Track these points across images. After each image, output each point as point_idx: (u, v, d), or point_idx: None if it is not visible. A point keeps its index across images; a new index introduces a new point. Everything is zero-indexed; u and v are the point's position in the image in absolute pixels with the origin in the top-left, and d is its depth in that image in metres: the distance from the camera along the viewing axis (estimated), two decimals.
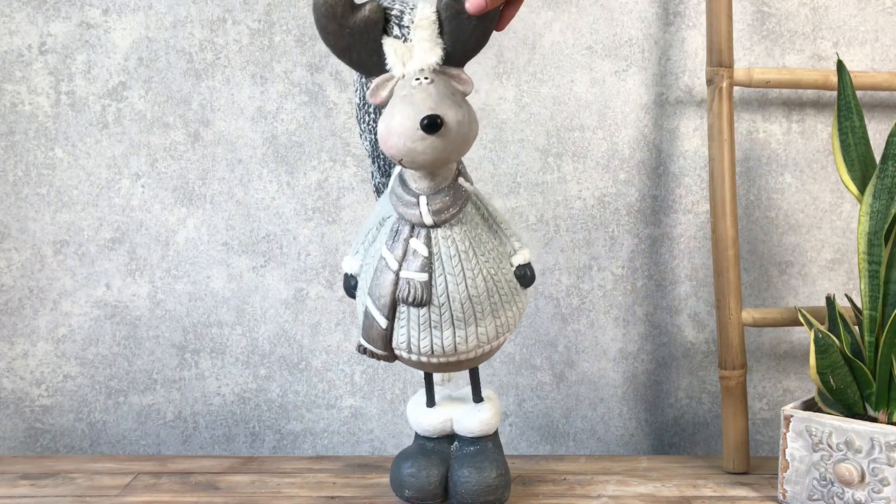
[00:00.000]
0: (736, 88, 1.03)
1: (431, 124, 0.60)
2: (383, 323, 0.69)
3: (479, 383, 0.79)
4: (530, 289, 0.77)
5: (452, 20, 0.63)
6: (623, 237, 1.06)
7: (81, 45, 1.03)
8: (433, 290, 0.67)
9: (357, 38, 0.63)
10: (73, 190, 1.04)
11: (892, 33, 1.06)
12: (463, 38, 0.64)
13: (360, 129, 0.74)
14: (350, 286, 0.74)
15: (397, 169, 0.70)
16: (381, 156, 0.74)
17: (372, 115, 0.72)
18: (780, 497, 0.85)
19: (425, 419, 0.80)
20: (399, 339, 0.70)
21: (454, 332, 0.69)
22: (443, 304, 0.67)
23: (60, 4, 1.02)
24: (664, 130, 1.06)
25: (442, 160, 0.64)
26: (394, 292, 0.68)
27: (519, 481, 0.90)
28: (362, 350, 0.74)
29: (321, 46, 1.03)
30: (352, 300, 1.06)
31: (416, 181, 0.68)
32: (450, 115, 0.62)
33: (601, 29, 1.04)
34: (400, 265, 0.68)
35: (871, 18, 1.05)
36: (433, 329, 0.68)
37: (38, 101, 1.03)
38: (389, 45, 0.64)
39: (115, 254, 1.04)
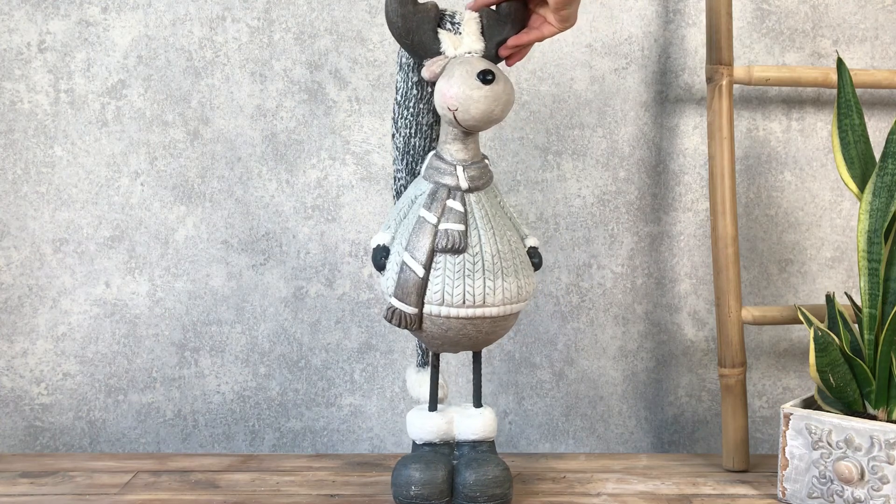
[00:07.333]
0: (736, 86, 1.03)
1: (486, 75, 0.76)
2: (420, 272, 0.78)
3: (481, 388, 0.85)
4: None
5: (491, 25, 0.80)
6: (623, 235, 1.06)
7: (81, 43, 1.02)
8: (468, 241, 0.78)
9: (418, 25, 0.79)
10: (73, 188, 1.04)
11: (891, 31, 1.05)
12: (497, 40, 0.81)
13: (396, 126, 0.84)
14: (379, 258, 0.81)
15: (429, 155, 0.83)
16: (411, 152, 0.84)
17: (411, 111, 0.83)
18: (780, 495, 0.85)
19: (429, 422, 0.83)
20: (433, 290, 0.78)
21: (484, 282, 0.78)
22: (476, 254, 0.78)
23: (60, 2, 1.02)
24: (664, 128, 1.06)
25: (489, 112, 0.77)
26: (432, 243, 0.78)
27: (518, 479, 0.90)
28: (391, 314, 0.79)
29: (320, 44, 1.03)
30: (351, 298, 1.06)
31: (452, 154, 0.80)
32: (499, 73, 0.78)
33: (601, 27, 1.04)
34: (439, 220, 0.78)
35: (870, 16, 1.05)
36: (466, 277, 0.78)
37: (38, 99, 1.03)
38: (444, 34, 0.80)
39: (114, 252, 1.04)
